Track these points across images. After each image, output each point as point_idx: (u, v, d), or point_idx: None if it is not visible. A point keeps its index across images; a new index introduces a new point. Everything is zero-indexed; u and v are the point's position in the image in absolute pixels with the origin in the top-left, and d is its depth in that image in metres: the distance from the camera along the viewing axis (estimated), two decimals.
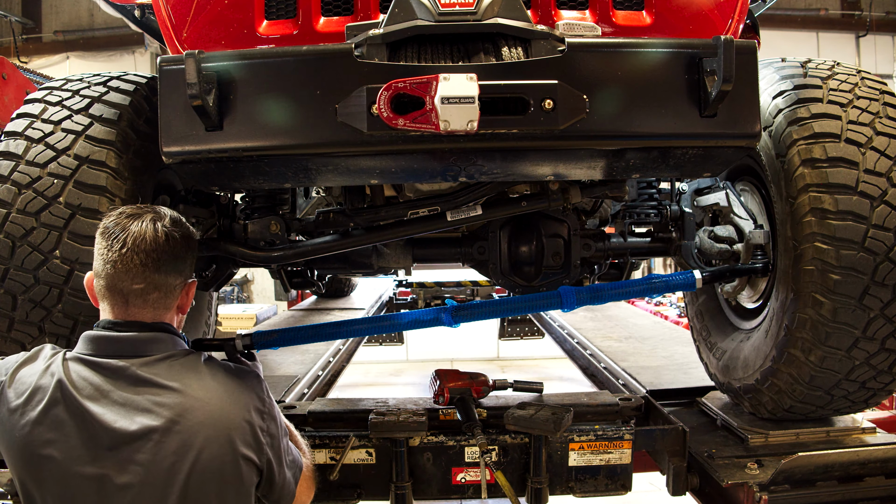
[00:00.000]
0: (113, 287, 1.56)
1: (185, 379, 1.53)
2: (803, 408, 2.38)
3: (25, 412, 1.46)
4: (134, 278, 1.54)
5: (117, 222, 1.56)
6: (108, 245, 1.54)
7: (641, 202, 3.01)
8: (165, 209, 1.65)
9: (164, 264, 1.57)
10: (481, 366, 7.73)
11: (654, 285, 2.56)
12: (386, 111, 1.67)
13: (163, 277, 1.58)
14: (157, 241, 1.56)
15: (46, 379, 1.49)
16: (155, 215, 1.59)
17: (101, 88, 2.20)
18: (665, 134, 1.80)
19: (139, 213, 1.58)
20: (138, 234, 1.54)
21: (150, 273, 1.56)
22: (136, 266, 1.54)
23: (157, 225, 1.57)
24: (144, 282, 1.56)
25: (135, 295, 1.56)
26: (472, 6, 1.80)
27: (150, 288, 1.57)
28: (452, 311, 2.45)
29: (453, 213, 2.44)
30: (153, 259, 1.55)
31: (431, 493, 2.38)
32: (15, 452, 1.47)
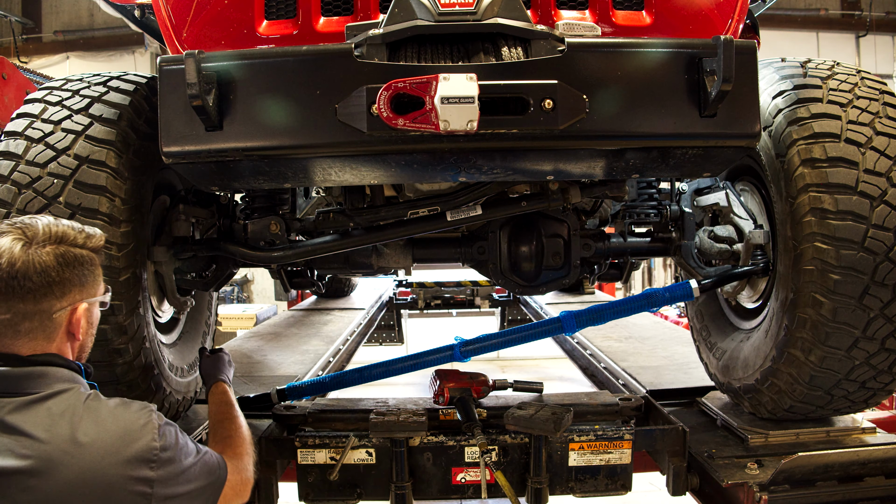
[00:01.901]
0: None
1: (58, 427, 1.30)
2: (803, 408, 2.38)
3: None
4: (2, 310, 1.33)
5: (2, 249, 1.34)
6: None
7: (641, 202, 3.01)
8: (46, 220, 1.42)
9: (30, 291, 1.35)
10: (481, 366, 7.70)
11: (652, 300, 2.59)
12: (386, 111, 1.67)
13: (33, 305, 1.36)
14: (14, 267, 1.33)
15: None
16: (22, 235, 1.36)
17: (101, 88, 2.20)
18: (665, 134, 1.80)
19: (4, 232, 1.36)
20: (20, 263, 1.33)
21: (13, 302, 1.34)
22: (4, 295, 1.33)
23: (18, 247, 1.34)
24: (10, 311, 1.35)
25: (3, 325, 1.35)
26: (472, 6, 1.80)
27: (17, 318, 1.35)
28: (461, 347, 2.69)
29: (453, 213, 2.44)
30: (14, 286, 1.33)
31: (431, 493, 2.38)
32: None
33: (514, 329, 2.83)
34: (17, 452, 1.26)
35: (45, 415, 1.31)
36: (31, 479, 1.26)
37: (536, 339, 2.80)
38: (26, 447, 1.27)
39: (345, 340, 4.69)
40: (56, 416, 1.32)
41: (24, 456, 1.26)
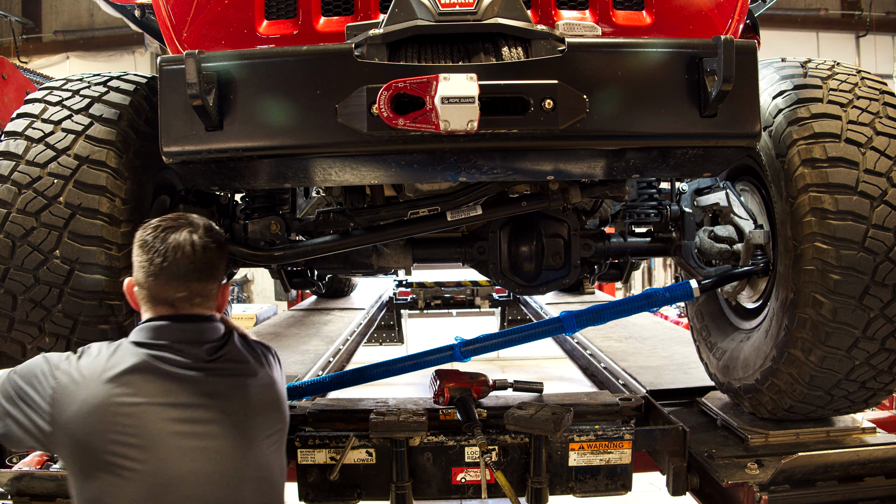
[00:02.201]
0: (157, 297, 1.67)
1: (248, 356, 1.76)
2: (803, 408, 2.38)
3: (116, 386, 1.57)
4: (177, 289, 1.66)
5: (156, 235, 1.66)
6: (149, 259, 1.64)
7: (641, 202, 3.01)
8: (198, 218, 1.74)
9: (202, 273, 1.68)
10: (481, 366, 7.69)
11: (652, 300, 2.59)
12: (386, 111, 1.67)
13: (202, 285, 1.69)
14: (196, 253, 1.66)
15: (118, 360, 1.60)
16: (191, 227, 1.69)
17: (102, 88, 2.20)
18: (665, 134, 1.80)
19: (176, 226, 1.68)
20: (178, 247, 1.64)
21: (191, 283, 1.67)
22: (179, 277, 1.65)
23: (193, 237, 1.67)
24: (187, 290, 1.67)
25: (180, 301, 1.68)
26: (472, 6, 1.80)
27: (192, 295, 1.68)
28: (461, 347, 2.69)
29: (454, 213, 2.44)
30: (193, 270, 1.66)
31: (431, 493, 2.38)
32: (99, 419, 1.55)
33: (515, 329, 2.84)
34: (238, 378, 1.72)
35: (240, 348, 1.76)
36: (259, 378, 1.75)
37: (537, 339, 2.80)
38: (241, 372, 1.73)
39: (345, 340, 4.70)
40: (244, 350, 1.78)
41: (244, 376, 1.73)
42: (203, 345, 1.69)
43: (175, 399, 1.61)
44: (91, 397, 1.56)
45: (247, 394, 1.72)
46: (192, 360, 1.65)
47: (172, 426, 1.59)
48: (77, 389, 1.57)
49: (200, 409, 1.63)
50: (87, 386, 1.57)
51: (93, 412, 1.55)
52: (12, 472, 2.21)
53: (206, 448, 1.62)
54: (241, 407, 1.70)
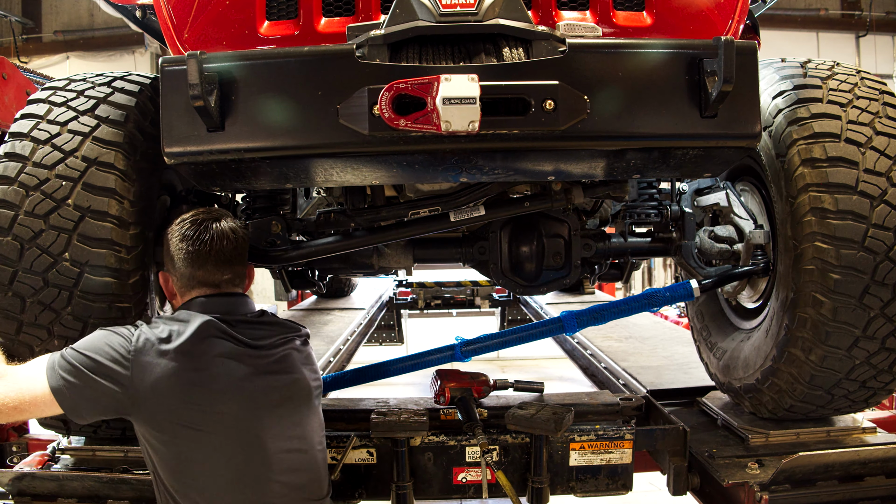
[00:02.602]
0: (205, 281, 1.91)
1: (280, 324, 2.01)
2: (804, 407, 2.39)
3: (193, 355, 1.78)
4: (224, 271, 1.92)
5: (196, 227, 1.89)
6: (195, 249, 1.88)
7: (642, 202, 3.01)
8: (220, 210, 2.03)
9: (240, 256, 1.96)
10: (482, 366, 7.70)
11: (652, 300, 2.59)
12: (387, 112, 1.67)
13: (240, 267, 1.98)
14: (238, 238, 1.94)
15: (185, 324, 1.82)
16: (225, 217, 1.95)
17: (106, 89, 2.20)
18: (666, 134, 1.81)
19: (211, 217, 1.93)
20: (222, 235, 1.90)
21: (234, 265, 1.94)
22: (225, 261, 1.91)
23: (232, 224, 1.94)
24: (231, 272, 1.94)
25: (224, 284, 1.94)
26: (473, 7, 1.80)
27: (234, 276, 1.96)
28: (462, 347, 2.72)
29: (456, 214, 2.44)
30: (236, 254, 1.93)
31: (432, 493, 2.39)
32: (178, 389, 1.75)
33: (515, 329, 2.84)
34: (284, 343, 1.97)
35: (272, 318, 2.03)
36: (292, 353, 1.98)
37: (537, 339, 2.81)
38: (282, 335, 1.97)
39: (345, 340, 4.70)
40: (277, 319, 2.05)
41: (287, 339, 1.98)
42: (247, 313, 1.94)
43: (241, 354, 1.83)
44: (169, 361, 1.74)
45: (293, 347, 1.97)
46: (244, 323, 1.89)
47: (245, 382, 1.81)
48: (154, 355, 1.74)
49: (263, 361, 1.87)
50: (163, 351, 1.74)
51: (173, 373, 1.73)
52: (13, 473, 2.21)
53: (280, 402, 1.87)
54: (293, 361, 1.96)
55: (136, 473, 2.21)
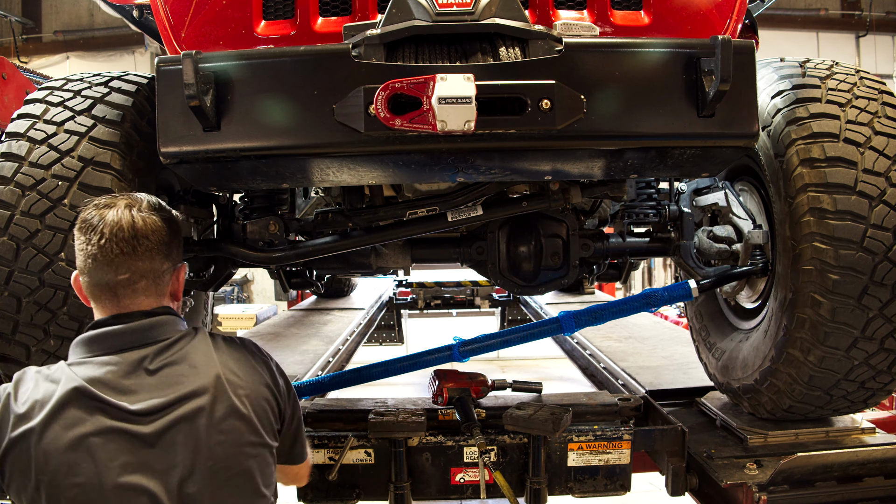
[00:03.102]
0: (99, 282, 1.50)
1: (207, 354, 1.52)
2: (802, 408, 2.38)
3: (47, 428, 1.37)
4: (118, 269, 1.48)
5: (93, 214, 1.50)
6: (87, 239, 1.49)
7: (640, 202, 3.01)
8: (142, 195, 1.58)
9: (146, 250, 1.50)
10: (480, 366, 7.70)
11: (651, 300, 2.59)
12: (383, 111, 1.67)
13: (147, 264, 1.51)
14: (136, 228, 1.49)
15: (52, 388, 1.41)
16: (130, 202, 1.52)
17: (103, 89, 2.20)
18: (663, 134, 1.80)
19: (113, 203, 1.52)
20: (115, 223, 1.48)
21: (132, 261, 1.49)
22: (118, 255, 1.48)
23: (132, 211, 1.50)
24: (129, 271, 1.49)
25: (122, 286, 1.50)
26: (470, 6, 1.79)
27: (136, 277, 1.50)
28: (460, 347, 2.68)
29: (454, 214, 2.44)
30: (133, 246, 1.49)
31: (430, 494, 2.38)
32: (41, 469, 1.36)
33: (513, 329, 2.84)
34: (191, 386, 1.46)
35: (196, 346, 1.52)
36: (214, 401, 1.46)
37: (535, 339, 2.80)
38: (194, 376, 1.47)
39: (344, 340, 4.69)
40: (202, 347, 1.53)
41: (199, 382, 1.47)
42: (146, 347, 1.47)
43: (111, 436, 1.38)
44: (28, 437, 1.36)
45: (196, 422, 1.43)
46: (131, 377, 1.43)
47: (110, 468, 1.37)
48: (13, 432, 1.37)
49: (138, 443, 1.39)
50: (25, 423, 1.37)
51: (31, 454, 1.36)
52: None
53: (155, 490, 1.38)
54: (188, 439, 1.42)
55: None
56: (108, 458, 1.37)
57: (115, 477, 1.36)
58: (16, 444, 1.38)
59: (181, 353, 1.50)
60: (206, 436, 1.43)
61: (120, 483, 1.36)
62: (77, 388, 1.40)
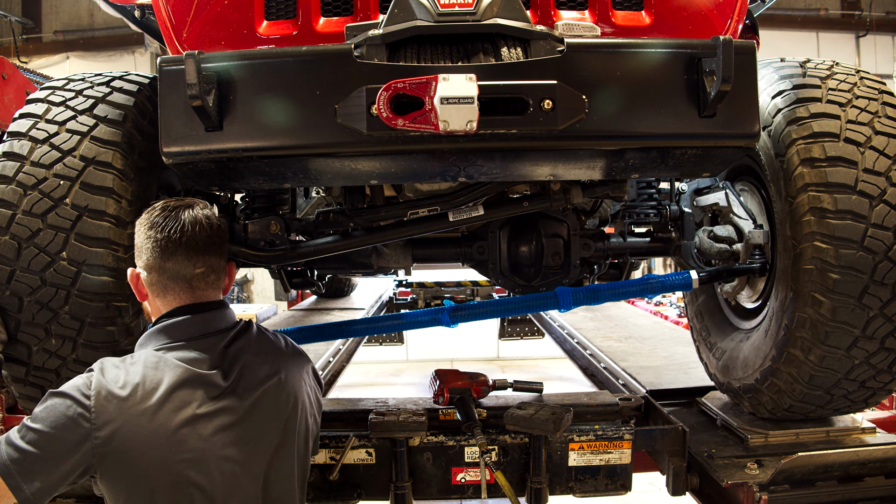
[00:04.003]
0: (176, 275, 1.65)
1: (268, 341, 1.76)
2: (803, 407, 2.38)
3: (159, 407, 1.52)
4: (196, 263, 1.66)
5: (166, 215, 1.66)
6: (164, 236, 1.63)
7: (641, 202, 3.02)
8: (193, 198, 1.75)
9: (215, 247, 1.70)
10: (481, 366, 7.73)
11: (651, 285, 2.58)
12: (385, 111, 1.67)
13: (216, 260, 1.71)
14: (212, 227, 1.69)
15: (155, 374, 1.54)
16: (199, 205, 1.72)
17: (105, 89, 2.20)
18: (664, 134, 1.80)
19: (182, 205, 1.69)
20: (194, 221, 1.66)
21: (207, 256, 1.68)
22: (198, 251, 1.66)
23: (206, 212, 1.70)
24: (205, 265, 1.68)
25: (197, 279, 1.67)
26: (472, 6, 1.80)
27: (208, 270, 1.69)
28: (450, 312, 2.56)
29: (455, 213, 2.44)
30: (208, 243, 1.68)
31: (431, 493, 2.38)
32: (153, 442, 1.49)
33: (508, 299, 2.81)
34: (268, 370, 1.68)
35: (258, 337, 1.75)
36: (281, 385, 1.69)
37: (529, 311, 2.76)
38: (269, 363, 1.70)
39: (345, 340, 4.69)
40: (262, 338, 1.76)
41: (274, 367, 1.70)
42: (221, 334, 1.67)
43: (214, 414, 1.55)
44: (139, 418, 1.48)
45: (278, 397, 1.67)
46: (219, 358, 1.62)
47: (216, 436, 1.55)
48: (118, 414, 1.48)
49: (234, 418, 1.58)
50: (134, 406, 1.49)
51: (140, 434, 1.48)
52: None
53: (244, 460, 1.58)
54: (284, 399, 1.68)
55: None
56: (211, 434, 1.54)
57: (218, 450, 1.55)
58: (122, 427, 1.48)
59: (248, 339, 1.71)
60: (285, 410, 1.67)
61: (221, 455, 1.55)
62: (184, 371, 1.56)
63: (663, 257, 3.25)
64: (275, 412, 1.65)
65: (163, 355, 1.58)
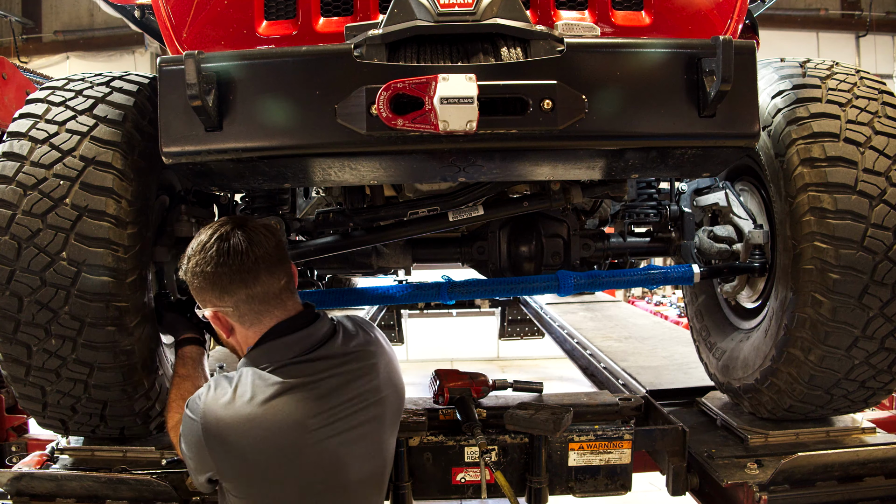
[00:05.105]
0: (265, 297, 1.69)
1: (360, 340, 1.83)
2: (803, 407, 2.38)
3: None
4: (279, 276, 1.71)
5: (223, 241, 1.67)
6: (239, 262, 1.65)
7: (641, 202, 3.02)
8: (230, 217, 1.80)
9: (281, 253, 1.74)
10: (481, 366, 7.74)
11: (652, 276, 2.58)
12: (385, 111, 1.67)
13: (287, 265, 1.76)
14: (274, 235, 1.74)
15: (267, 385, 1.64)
16: (241, 221, 1.74)
17: (105, 89, 2.19)
18: (664, 134, 1.80)
19: (230, 227, 1.70)
20: (254, 240, 1.68)
21: (285, 264, 1.74)
22: (276, 263, 1.70)
23: (255, 224, 1.74)
24: (285, 274, 1.74)
25: (283, 290, 1.72)
26: (471, 6, 1.80)
27: (289, 279, 1.75)
28: (449, 287, 2.57)
29: (455, 213, 2.44)
30: (280, 251, 1.73)
31: (431, 493, 2.38)
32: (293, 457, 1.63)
33: (508, 279, 2.81)
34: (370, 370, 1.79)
35: (351, 334, 1.84)
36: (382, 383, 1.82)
37: (528, 293, 2.77)
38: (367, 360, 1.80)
39: None
40: (354, 334, 1.86)
41: (373, 363, 1.81)
42: (323, 346, 1.73)
43: (326, 405, 1.66)
44: (240, 425, 1.59)
45: (375, 378, 1.78)
46: (322, 363, 1.70)
47: (325, 431, 1.65)
48: (220, 424, 1.60)
49: (346, 406, 1.70)
50: (234, 415, 1.60)
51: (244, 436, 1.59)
52: (12, 473, 2.21)
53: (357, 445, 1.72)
54: (374, 394, 1.77)
55: (134, 473, 2.21)
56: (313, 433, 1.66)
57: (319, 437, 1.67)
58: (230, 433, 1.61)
59: (349, 343, 1.79)
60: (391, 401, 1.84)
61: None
62: (281, 383, 1.65)
63: (663, 257, 3.25)
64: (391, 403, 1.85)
65: (265, 373, 1.66)
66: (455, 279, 2.66)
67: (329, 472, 1.68)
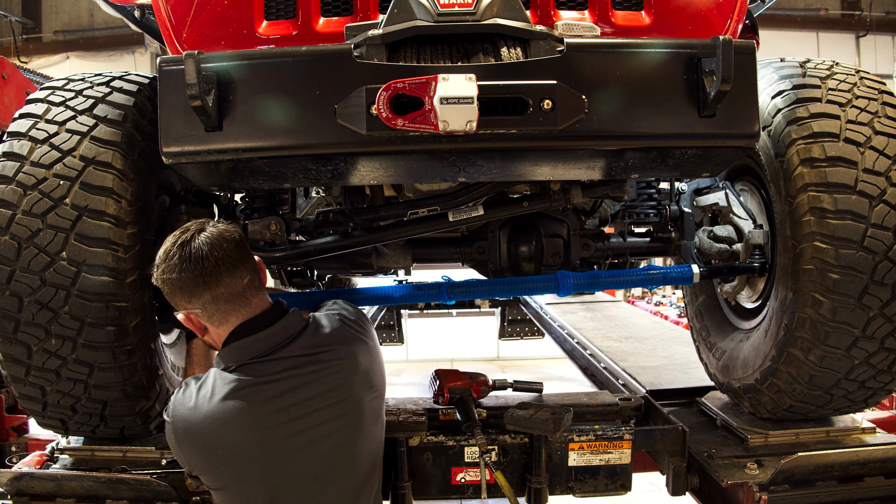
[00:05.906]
0: (229, 296, 1.75)
1: (331, 338, 1.85)
2: (803, 407, 2.38)
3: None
4: (241, 275, 1.75)
5: (184, 244, 1.72)
6: (200, 266, 1.70)
7: (641, 202, 3.02)
8: (190, 223, 1.81)
9: (246, 252, 1.79)
10: (481, 366, 7.74)
11: (651, 276, 2.58)
12: (385, 111, 1.67)
13: (252, 262, 1.81)
14: (235, 236, 1.78)
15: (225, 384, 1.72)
16: (201, 224, 1.78)
17: (105, 89, 2.19)
18: (664, 134, 1.80)
19: (189, 230, 1.75)
20: (217, 239, 1.73)
21: (248, 260, 1.79)
22: (237, 263, 1.75)
23: (216, 227, 1.77)
24: (249, 272, 1.78)
25: (247, 288, 1.77)
26: (471, 6, 1.79)
27: (253, 276, 1.79)
28: (448, 287, 2.57)
29: (455, 213, 2.44)
30: (241, 250, 1.78)
31: (431, 493, 2.38)
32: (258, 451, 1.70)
33: (507, 279, 2.81)
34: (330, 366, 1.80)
35: (316, 332, 1.86)
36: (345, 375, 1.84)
37: (528, 293, 2.75)
38: (327, 356, 1.81)
39: None
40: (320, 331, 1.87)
41: (335, 361, 1.82)
42: (285, 346, 1.78)
43: (279, 404, 1.72)
44: (200, 422, 1.69)
45: (342, 377, 1.81)
46: (279, 363, 1.75)
47: (281, 430, 1.71)
48: (185, 423, 1.71)
49: (303, 406, 1.75)
50: (196, 413, 1.70)
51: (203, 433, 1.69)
52: (12, 472, 2.21)
53: (319, 444, 1.76)
54: (341, 392, 1.80)
55: (134, 473, 2.21)
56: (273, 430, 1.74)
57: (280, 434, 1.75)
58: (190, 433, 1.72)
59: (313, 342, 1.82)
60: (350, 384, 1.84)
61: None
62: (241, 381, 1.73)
63: (663, 257, 3.25)
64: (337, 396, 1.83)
65: (226, 374, 1.74)
66: (455, 279, 2.64)
67: (291, 471, 1.72)
